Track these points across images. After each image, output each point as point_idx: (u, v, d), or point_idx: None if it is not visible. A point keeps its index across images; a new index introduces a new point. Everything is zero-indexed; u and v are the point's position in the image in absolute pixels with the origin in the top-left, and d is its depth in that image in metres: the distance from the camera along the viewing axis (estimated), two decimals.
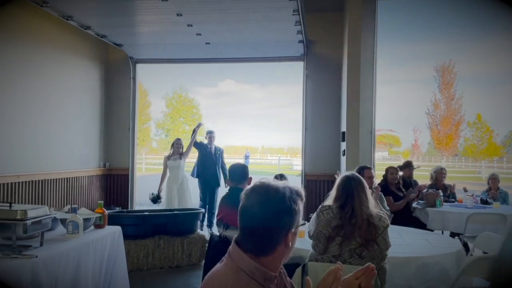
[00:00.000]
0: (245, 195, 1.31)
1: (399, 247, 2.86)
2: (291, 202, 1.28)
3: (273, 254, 1.27)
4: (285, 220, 1.27)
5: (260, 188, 1.31)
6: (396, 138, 54.06)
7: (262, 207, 1.27)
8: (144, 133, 36.00)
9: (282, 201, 1.27)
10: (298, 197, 1.31)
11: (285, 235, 1.27)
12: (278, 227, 1.26)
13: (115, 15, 5.31)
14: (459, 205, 5.32)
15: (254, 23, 5.50)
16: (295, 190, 1.31)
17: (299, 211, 1.30)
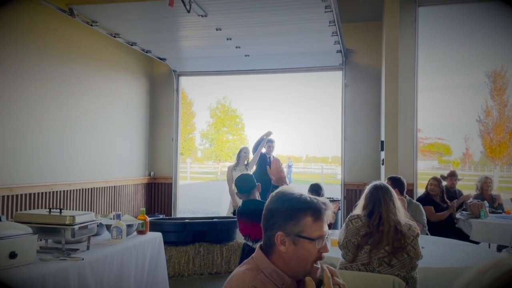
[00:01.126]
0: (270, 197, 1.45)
1: (434, 258, 2.81)
2: (288, 207, 1.35)
3: (275, 255, 1.35)
4: (274, 219, 1.35)
5: (278, 191, 1.43)
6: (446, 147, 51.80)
7: (267, 205, 1.41)
8: (189, 143, 36.87)
9: (278, 202, 1.37)
10: (303, 208, 1.35)
11: (274, 234, 1.34)
12: (268, 224, 1.37)
13: (159, 31, 5.60)
14: (506, 216, 5.09)
15: (291, 35, 5.59)
16: (303, 201, 1.36)
17: (299, 221, 1.33)
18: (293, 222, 1.33)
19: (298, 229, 1.33)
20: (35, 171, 5.03)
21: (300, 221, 1.33)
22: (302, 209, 1.34)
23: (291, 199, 1.36)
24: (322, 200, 1.37)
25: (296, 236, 1.32)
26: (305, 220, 1.33)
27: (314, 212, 1.34)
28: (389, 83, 5.62)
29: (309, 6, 4.42)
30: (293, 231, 1.33)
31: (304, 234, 1.33)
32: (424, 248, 3.06)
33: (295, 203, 1.35)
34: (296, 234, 1.33)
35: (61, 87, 5.47)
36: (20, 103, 4.82)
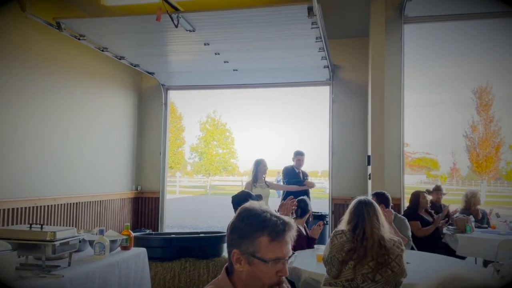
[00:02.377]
0: None
1: (420, 274, 2.81)
2: (246, 225, 1.29)
3: (235, 274, 1.29)
4: (231, 236, 1.32)
5: (243, 206, 1.40)
6: (434, 161, 52.35)
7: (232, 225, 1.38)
8: (179, 156, 36.71)
9: (238, 219, 1.33)
10: (260, 228, 1.28)
11: (230, 251, 1.31)
12: (227, 243, 1.33)
13: (147, 45, 5.62)
14: (491, 231, 5.13)
15: (278, 50, 5.65)
16: (261, 220, 1.29)
17: (254, 241, 1.27)
18: (249, 240, 1.27)
19: (252, 249, 1.27)
20: (19, 185, 4.95)
21: (256, 240, 1.27)
22: (259, 228, 1.28)
23: (251, 216, 1.30)
24: (286, 220, 1.30)
25: (250, 256, 1.27)
26: (260, 240, 1.27)
27: (271, 232, 1.28)
28: (375, 98, 5.69)
29: (296, 23, 4.48)
30: (248, 250, 1.27)
31: (258, 255, 1.27)
32: (410, 263, 3.06)
33: (254, 220, 1.29)
34: (251, 253, 1.27)
35: (48, 100, 5.43)
36: (4, 117, 4.77)
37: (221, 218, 14.11)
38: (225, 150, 38.37)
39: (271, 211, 1.35)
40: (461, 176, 45.43)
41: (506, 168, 38.16)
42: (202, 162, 38.19)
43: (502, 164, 36.64)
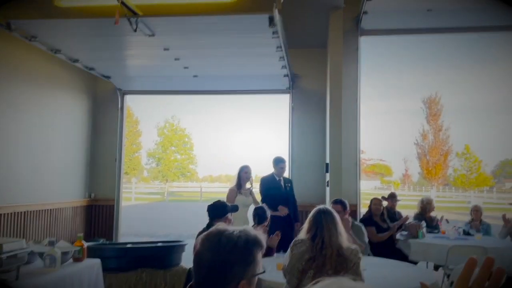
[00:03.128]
0: (200, 241, 1.31)
1: (375, 280, 2.88)
2: (244, 252, 1.25)
3: None
4: (235, 269, 1.23)
5: (213, 235, 1.29)
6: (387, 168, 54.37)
7: (212, 256, 1.25)
8: (135, 162, 35.83)
9: (233, 251, 1.24)
10: (255, 245, 1.28)
11: (235, 285, 1.23)
12: (227, 277, 1.23)
13: (103, 49, 5.45)
14: (441, 236, 5.36)
15: (239, 58, 5.66)
16: (253, 239, 1.28)
17: (255, 260, 1.27)
18: (252, 264, 1.27)
19: (254, 269, 1.28)
20: None
21: (256, 260, 1.28)
22: (255, 249, 1.28)
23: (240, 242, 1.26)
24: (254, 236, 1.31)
25: (253, 277, 1.27)
26: (258, 257, 1.29)
27: (261, 246, 1.31)
28: (333, 107, 5.82)
29: (256, 32, 4.50)
30: (252, 273, 1.27)
31: (258, 271, 1.29)
32: (366, 270, 3.14)
33: (248, 244, 1.27)
34: (254, 274, 1.27)
35: None
36: None
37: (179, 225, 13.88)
38: (184, 156, 37.84)
39: (236, 228, 1.32)
40: (412, 182, 47.44)
41: (453, 174, 40.22)
42: (160, 168, 37.45)
43: (450, 171, 38.64)
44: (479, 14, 6.16)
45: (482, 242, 4.93)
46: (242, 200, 5.22)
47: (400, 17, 6.44)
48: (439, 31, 7.15)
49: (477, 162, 39.38)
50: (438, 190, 35.00)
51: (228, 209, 3.56)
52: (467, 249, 4.64)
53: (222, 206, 3.53)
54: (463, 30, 7.02)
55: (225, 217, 3.45)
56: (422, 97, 38.13)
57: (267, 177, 5.86)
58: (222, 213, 3.44)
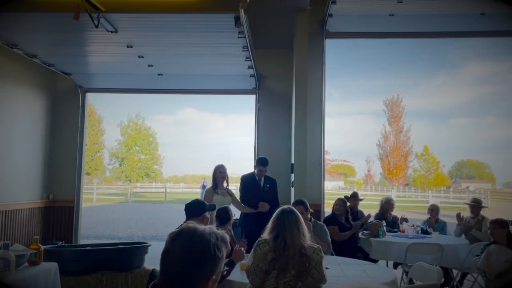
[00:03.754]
0: (170, 239, 1.29)
1: (337, 278, 2.93)
2: (215, 249, 1.27)
3: None
4: (207, 267, 1.25)
5: (186, 233, 1.29)
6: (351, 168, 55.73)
7: (185, 253, 1.25)
8: (97, 162, 34.88)
9: (206, 249, 1.26)
10: (223, 243, 1.31)
11: (205, 283, 1.25)
12: (199, 275, 1.25)
13: (63, 44, 5.26)
14: (400, 235, 5.52)
15: (205, 57, 5.62)
16: (221, 237, 1.31)
17: (222, 258, 1.31)
18: (221, 262, 1.30)
19: (221, 266, 1.31)
20: None
21: (223, 258, 1.31)
22: (223, 247, 1.31)
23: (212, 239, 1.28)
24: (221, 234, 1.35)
25: (219, 274, 1.30)
26: (224, 255, 1.33)
27: (227, 244, 1.35)
28: (298, 108, 5.88)
29: (223, 31, 4.49)
30: (219, 270, 1.30)
31: (225, 267, 1.35)
32: (329, 269, 3.19)
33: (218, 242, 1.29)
34: (220, 271, 1.31)
35: None
36: None
37: (143, 227, 13.62)
38: (148, 156, 37.18)
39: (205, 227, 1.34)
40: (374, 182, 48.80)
41: (413, 175, 41.72)
42: (123, 168, 36.63)
43: (410, 171, 40.05)
44: (439, 20, 6.40)
45: (438, 240, 5.12)
46: (219, 200, 5.08)
47: (364, 20, 6.59)
48: (400, 35, 7.38)
49: (435, 163, 41.03)
50: (398, 190, 36.13)
51: (206, 208, 3.54)
52: (425, 246, 4.81)
53: (200, 205, 3.53)
54: (423, 35, 7.28)
55: (203, 215, 3.42)
56: (385, 100, 39.34)
57: (247, 175, 5.80)
58: (199, 212, 3.42)
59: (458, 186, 50.60)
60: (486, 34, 7.18)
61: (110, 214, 17.15)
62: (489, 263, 3.59)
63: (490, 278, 3.58)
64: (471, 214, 5.76)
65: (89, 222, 13.33)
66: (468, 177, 57.16)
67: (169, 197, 26.70)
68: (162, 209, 20.20)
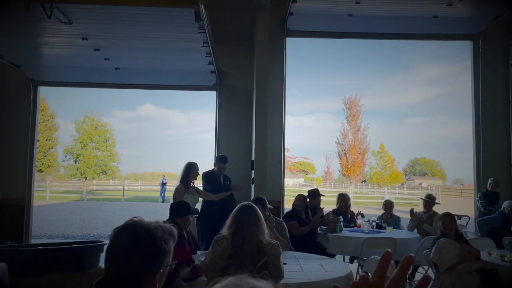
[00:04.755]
0: (115, 234, 1.27)
1: (294, 273, 2.97)
2: (162, 243, 1.25)
3: None
4: (153, 261, 1.24)
5: (130, 227, 1.27)
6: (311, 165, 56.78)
7: (130, 248, 1.23)
8: (50, 159, 33.42)
9: (152, 243, 1.24)
10: (170, 237, 1.29)
11: (152, 277, 1.23)
12: (146, 269, 1.23)
13: (13, 35, 4.99)
14: (357, 230, 5.67)
15: (164, 52, 5.52)
16: (168, 230, 1.29)
17: (170, 252, 1.28)
18: (168, 255, 1.28)
19: (169, 260, 1.29)
20: None
21: (171, 251, 1.29)
22: (170, 240, 1.29)
23: (158, 233, 1.26)
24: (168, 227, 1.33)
25: (167, 267, 1.28)
26: (172, 248, 1.31)
27: (175, 238, 1.32)
28: (259, 106, 5.90)
29: (182, 26, 4.43)
30: (167, 264, 1.28)
31: (172, 261, 1.31)
32: (286, 264, 3.23)
33: (165, 235, 1.27)
34: (168, 265, 1.29)
35: None
36: None
37: (99, 225, 13.22)
38: (105, 152, 36.05)
39: (151, 221, 1.30)
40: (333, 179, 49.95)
41: (370, 172, 43.06)
42: (78, 165, 35.31)
43: (366, 168, 41.30)
44: (394, 21, 6.62)
45: (392, 234, 5.30)
46: (190, 199, 4.82)
47: (323, 20, 6.71)
48: (358, 36, 7.58)
49: (391, 160, 42.53)
50: (356, 186, 37.15)
51: (190, 211, 3.59)
52: (379, 241, 4.96)
53: (186, 207, 3.56)
54: (379, 36, 7.51)
55: (186, 217, 3.43)
56: (344, 98, 40.30)
57: (208, 172, 5.80)
58: (184, 214, 3.44)
59: (412, 182, 52.77)
60: (438, 37, 7.52)
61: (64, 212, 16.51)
62: (440, 256, 3.75)
63: (441, 271, 3.75)
64: (424, 209, 6.00)
65: (41, 221, 12.78)
66: (421, 174, 59.80)
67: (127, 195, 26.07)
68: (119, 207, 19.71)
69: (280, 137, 6.83)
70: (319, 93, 70.02)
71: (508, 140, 6.95)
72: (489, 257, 3.88)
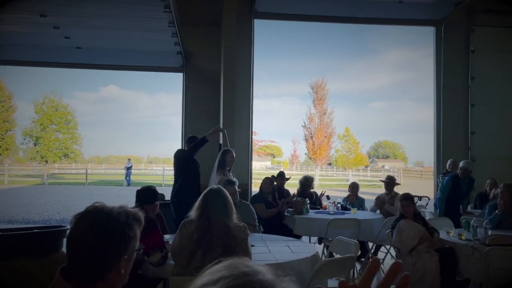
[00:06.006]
0: (75, 221, 1.23)
1: (262, 255, 3.00)
2: (126, 228, 1.22)
3: (102, 283, 1.20)
4: (117, 247, 1.21)
5: (91, 213, 1.23)
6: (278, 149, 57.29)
7: (92, 235, 1.19)
8: (8, 141, 32.04)
9: (114, 228, 1.21)
10: (135, 221, 1.26)
11: (116, 263, 1.21)
12: (109, 255, 1.20)
13: None
14: (323, 211, 5.80)
15: (129, 31, 5.36)
16: (132, 214, 1.26)
17: (135, 237, 1.26)
18: (133, 240, 1.25)
19: (135, 245, 1.26)
20: None
21: (136, 236, 1.26)
22: (135, 225, 1.26)
23: (121, 218, 1.22)
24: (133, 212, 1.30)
25: (132, 253, 1.25)
26: (138, 233, 1.27)
27: (141, 222, 1.29)
28: (226, 88, 5.85)
29: (147, 4, 4.30)
30: (132, 249, 1.25)
31: (138, 246, 1.28)
32: (254, 246, 3.26)
33: (128, 220, 1.24)
34: (134, 250, 1.26)
35: None
36: None
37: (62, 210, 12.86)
38: (67, 135, 34.88)
39: (114, 206, 1.27)
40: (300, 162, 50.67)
41: (335, 155, 43.97)
42: (38, 148, 34.04)
43: (332, 151, 42.14)
44: (360, 6, 6.68)
45: (356, 215, 5.44)
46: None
47: (291, 3, 6.67)
48: (324, 19, 7.59)
49: (355, 143, 43.57)
50: (322, 169, 37.86)
51: (157, 197, 3.49)
52: (344, 222, 5.09)
53: (153, 193, 3.47)
54: (345, 20, 7.57)
55: (154, 204, 3.35)
56: (310, 82, 40.64)
57: (179, 152, 5.60)
58: (151, 200, 3.34)
59: (375, 165, 54.36)
60: (403, 22, 7.66)
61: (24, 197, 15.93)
62: (402, 240, 3.89)
63: (404, 253, 3.89)
64: (386, 190, 6.19)
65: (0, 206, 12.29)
66: (384, 157, 61.65)
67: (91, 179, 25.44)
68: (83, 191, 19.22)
69: (248, 120, 6.81)
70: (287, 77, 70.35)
71: (466, 123, 7.24)
72: (447, 235, 4.06)
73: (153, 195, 3.44)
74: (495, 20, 7.16)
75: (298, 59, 65.82)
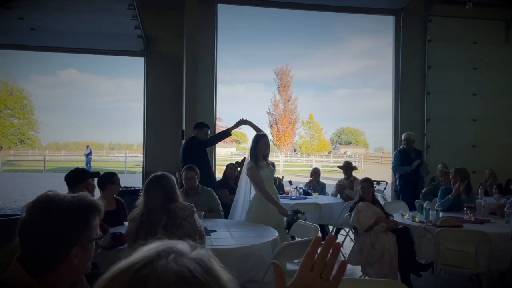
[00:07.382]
0: (26, 209, 1.20)
1: (224, 240, 3.04)
2: (77, 217, 1.21)
3: (55, 273, 1.18)
4: (66, 236, 1.19)
5: (41, 201, 1.21)
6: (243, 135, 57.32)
7: (41, 223, 1.17)
8: None
9: (63, 216, 1.19)
10: (90, 210, 1.25)
11: (68, 252, 1.19)
12: (58, 244, 1.18)
13: None
14: (285, 196, 5.89)
15: (86, 13, 5.16)
16: (87, 203, 1.25)
17: (89, 226, 1.24)
18: (87, 230, 1.23)
19: (90, 235, 1.24)
20: None
21: (91, 225, 1.24)
22: (90, 214, 1.24)
23: (72, 207, 1.20)
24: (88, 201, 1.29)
25: (88, 242, 1.23)
26: (94, 222, 1.25)
27: (98, 211, 1.27)
28: (189, 73, 5.78)
29: None
30: (87, 238, 1.23)
31: (94, 237, 1.26)
32: (217, 231, 3.29)
33: (81, 209, 1.22)
34: (89, 240, 1.24)
35: None
36: None
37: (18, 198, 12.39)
38: (23, 120, 33.39)
39: (68, 194, 1.25)
40: None
41: (299, 141, 44.58)
42: None
43: (296, 138, 42.69)
44: None
45: (317, 200, 5.59)
46: (269, 174, 4.16)
47: None
48: (288, 6, 7.61)
49: (319, 130, 44.34)
50: (286, 155, 38.30)
51: (88, 174, 3.39)
52: (306, 206, 5.20)
53: (81, 172, 3.37)
54: (309, 7, 7.61)
55: (87, 182, 3.25)
56: (275, 69, 40.75)
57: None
58: (82, 179, 3.24)
59: (338, 151, 55.57)
60: (364, 11, 7.79)
61: None
62: (359, 219, 4.05)
63: (360, 232, 4.05)
64: (345, 175, 6.37)
65: None
66: (346, 143, 63.09)
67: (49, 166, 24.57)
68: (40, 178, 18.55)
69: (212, 106, 6.77)
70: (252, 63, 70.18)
71: (423, 110, 7.52)
72: (402, 218, 4.25)
73: (80, 174, 3.36)
74: (451, 10, 7.42)
75: (263, 45, 65.78)
